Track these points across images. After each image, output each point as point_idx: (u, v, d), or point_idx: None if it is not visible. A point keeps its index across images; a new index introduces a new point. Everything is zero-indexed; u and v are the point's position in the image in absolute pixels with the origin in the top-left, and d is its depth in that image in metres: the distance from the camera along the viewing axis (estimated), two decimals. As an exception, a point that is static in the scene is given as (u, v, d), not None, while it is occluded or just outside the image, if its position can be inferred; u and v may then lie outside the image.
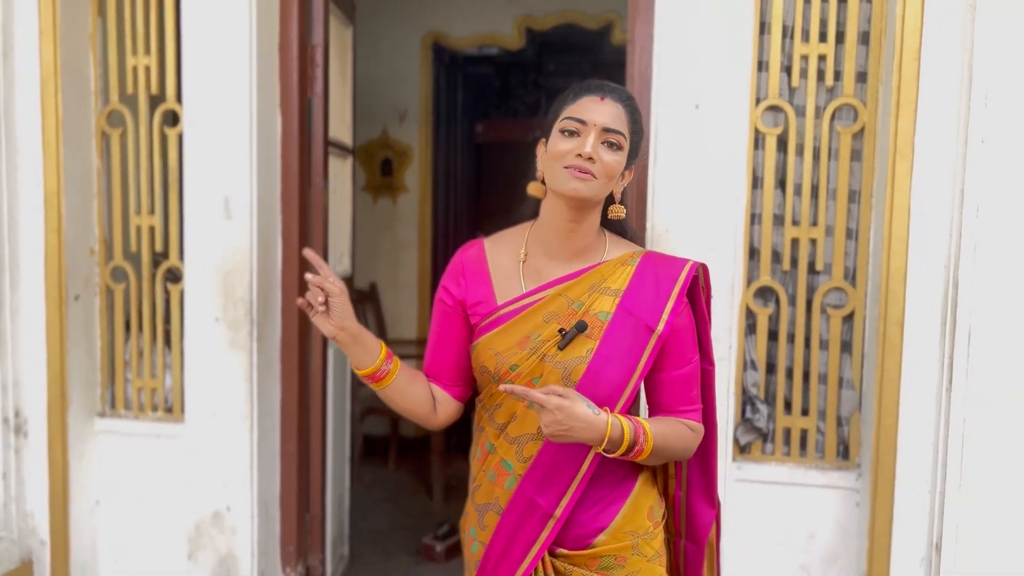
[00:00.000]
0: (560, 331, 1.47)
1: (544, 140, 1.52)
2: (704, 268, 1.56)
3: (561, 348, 1.48)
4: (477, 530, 1.60)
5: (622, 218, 1.56)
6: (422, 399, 1.62)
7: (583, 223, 1.50)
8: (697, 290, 1.55)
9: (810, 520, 2.46)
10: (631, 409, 1.55)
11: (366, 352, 1.53)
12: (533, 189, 1.55)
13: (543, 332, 1.49)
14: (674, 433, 1.50)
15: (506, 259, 1.58)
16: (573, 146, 1.44)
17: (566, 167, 1.44)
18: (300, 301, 1.50)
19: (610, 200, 1.55)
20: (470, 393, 1.67)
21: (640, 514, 1.56)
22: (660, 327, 1.48)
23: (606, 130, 1.44)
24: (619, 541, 1.53)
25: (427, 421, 1.65)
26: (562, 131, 1.46)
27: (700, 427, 1.56)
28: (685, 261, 1.54)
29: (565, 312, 1.49)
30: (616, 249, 1.56)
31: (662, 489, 1.67)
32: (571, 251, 1.53)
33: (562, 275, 1.53)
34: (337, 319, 1.48)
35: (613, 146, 1.45)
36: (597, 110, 1.45)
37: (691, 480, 1.65)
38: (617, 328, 1.48)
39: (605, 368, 1.47)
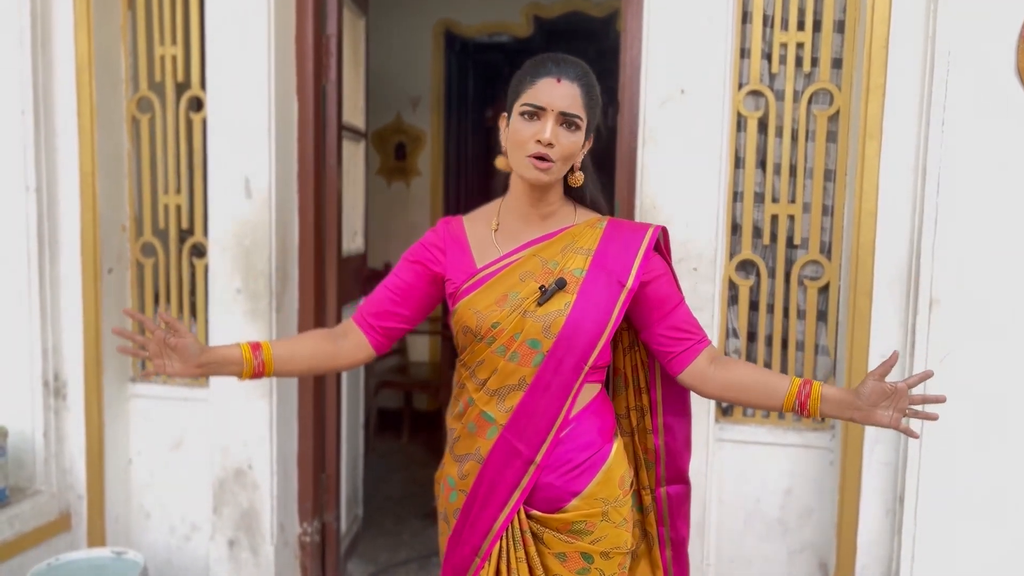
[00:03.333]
0: (540, 287, 1.57)
1: (506, 115, 1.61)
2: (664, 231, 1.68)
3: (541, 304, 1.57)
4: (456, 480, 1.68)
5: (580, 184, 1.65)
6: (313, 354, 1.68)
7: (548, 193, 1.63)
8: (660, 249, 1.67)
9: (787, 477, 2.64)
10: (607, 365, 1.69)
11: (235, 364, 1.60)
12: (500, 163, 1.64)
13: (521, 291, 1.59)
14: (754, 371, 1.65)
15: (482, 230, 1.69)
16: (533, 131, 1.53)
17: (528, 156, 1.53)
18: (131, 350, 1.56)
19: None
20: (386, 349, 1.74)
21: (612, 483, 1.64)
22: (630, 282, 1.59)
23: (564, 114, 1.53)
24: (591, 507, 1.61)
25: (329, 368, 1.72)
26: (522, 114, 1.54)
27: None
28: (648, 225, 1.67)
29: (540, 271, 1.60)
30: (584, 216, 1.68)
31: (643, 445, 1.78)
32: (540, 216, 1.65)
33: (536, 237, 1.64)
34: (192, 357, 1.55)
35: (571, 127, 1.54)
36: (554, 94, 1.52)
37: (667, 427, 1.76)
38: (591, 283, 1.59)
39: (582, 319, 1.58)
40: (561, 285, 1.58)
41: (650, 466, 1.78)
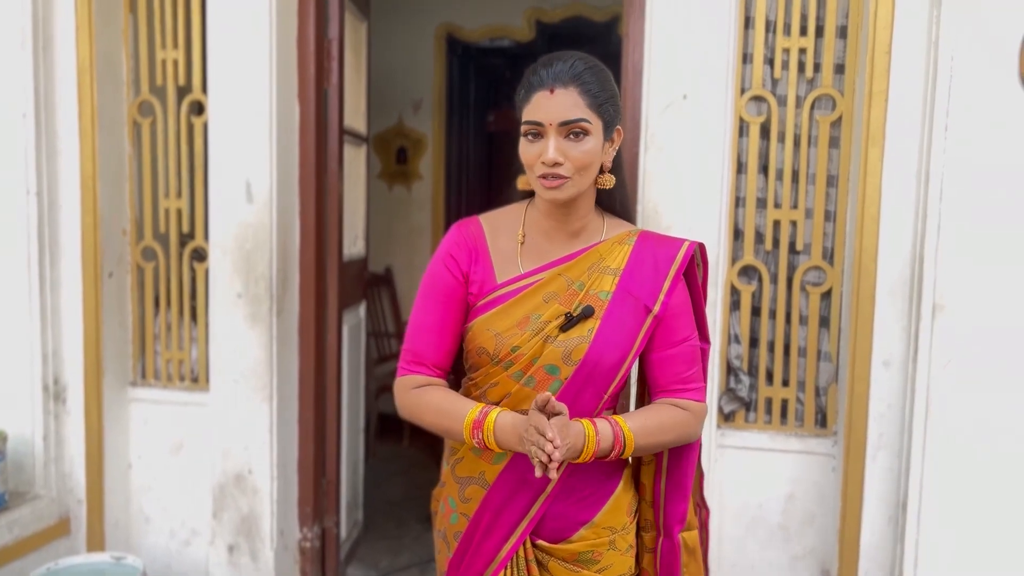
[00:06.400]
0: (567, 315, 1.47)
1: None
2: (701, 247, 1.56)
3: (564, 330, 1.47)
4: (458, 502, 1.59)
5: (610, 187, 1.52)
6: None
7: (576, 208, 1.51)
8: (693, 269, 1.55)
9: (789, 483, 2.62)
10: (622, 391, 1.58)
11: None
12: (522, 183, 1.57)
13: (544, 313, 1.48)
14: (660, 422, 1.47)
15: (504, 240, 1.56)
16: (538, 152, 1.42)
17: (539, 176, 1.44)
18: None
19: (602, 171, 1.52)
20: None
21: (620, 511, 1.58)
22: (656, 307, 1.49)
23: (564, 124, 1.41)
24: (599, 536, 1.55)
25: None
26: (525, 135, 1.44)
27: (700, 406, 1.52)
28: (682, 241, 1.53)
29: (565, 292, 1.49)
30: (613, 229, 1.56)
31: (652, 473, 1.64)
32: (568, 232, 1.53)
33: (561, 256, 1.52)
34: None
35: (579, 135, 1.42)
36: (549, 107, 1.41)
37: (669, 470, 1.61)
38: (617, 308, 1.48)
39: (606, 347, 1.47)
40: (589, 313, 1.47)
41: (649, 507, 1.66)
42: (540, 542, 1.55)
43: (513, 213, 1.60)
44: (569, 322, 1.47)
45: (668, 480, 1.62)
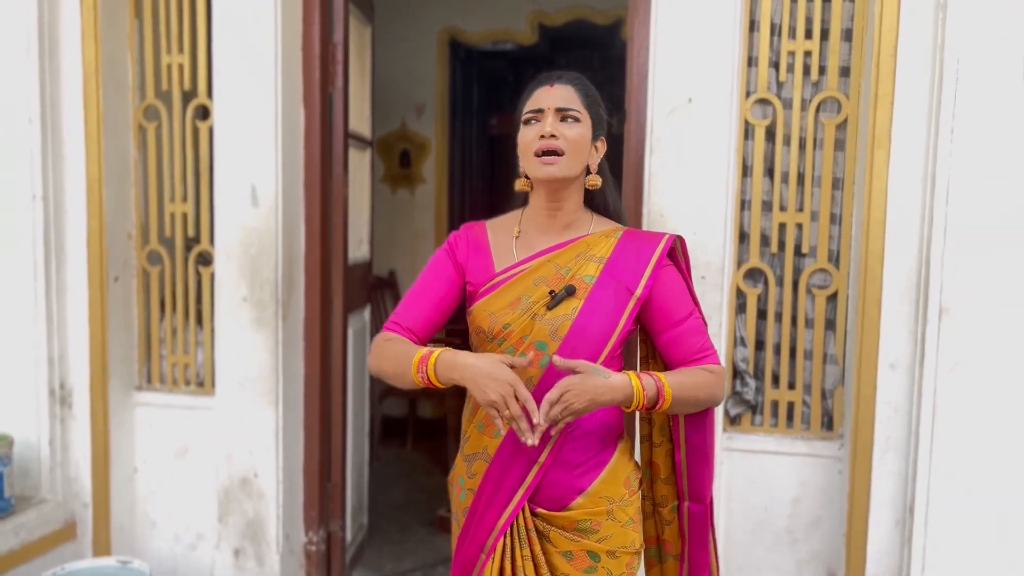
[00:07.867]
0: (550, 293, 1.62)
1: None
2: (681, 239, 1.71)
3: (550, 308, 1.62)
4: (465, 479, 1.72)
5: (598, 187, 1.70)
6: None
7: (567, 202, 1.68)
8: (676, 257, 1.70)
9: (795, 487, 2.62)
10: (623, 367, 1.67)
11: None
12: (519, 185, 1.72)
13: (533, 294, 1.64)
14: (692, 380, 1.60)
15: (503, 236, 1.75)
16: (536, 131, 1.63)
17: (536, 155, 1.62)
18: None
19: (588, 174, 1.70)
20: None
21: (617, 482, 1.67)
22: (639, 290, 1.63)
23: (559, 109, 1.62)
24: (596, 506, 1.64)
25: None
26: (525, 122, 1.66)
27: (720, 368, 1.65)
28: (663, 234, 1.70)
29: (553, 276, 1.65)
30: (600, 225, 1.73)
31: (661, 458, 1.78)
32: (559, 226, 1.70)
33: (551, 245, 1.69)
34: None
35: (571, 120, 1.62)
36: (548, 96, 1.64)
37: (688, 442, 1.72)
38: (600, 290, 1.63)
39: (588, 324, 1.61)
40: (571, 291, 1.62)
41: (671, 481, 1.79)
42: (540, 510, 1.64)
43: (512, 215, 1.79)
44: (553, 299, 1.62)
45: (689, 451, 1.73)
